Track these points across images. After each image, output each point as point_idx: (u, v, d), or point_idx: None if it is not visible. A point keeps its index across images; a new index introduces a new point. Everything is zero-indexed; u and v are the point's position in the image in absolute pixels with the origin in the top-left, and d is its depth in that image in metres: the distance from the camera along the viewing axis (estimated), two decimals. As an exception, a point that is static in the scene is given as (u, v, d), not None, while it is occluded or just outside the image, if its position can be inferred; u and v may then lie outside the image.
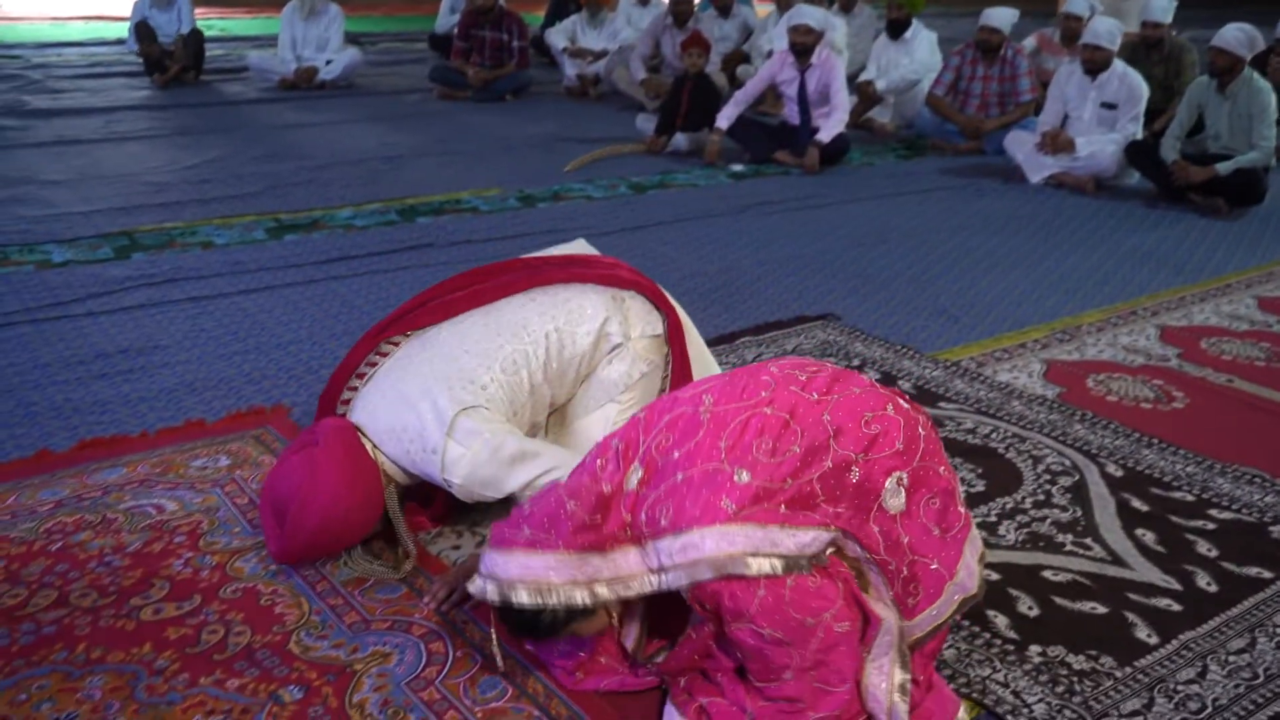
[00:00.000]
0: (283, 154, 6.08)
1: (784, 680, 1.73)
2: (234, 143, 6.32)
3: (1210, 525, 2.54)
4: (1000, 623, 2.13)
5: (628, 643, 1.96)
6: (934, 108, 6.98)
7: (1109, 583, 2.30)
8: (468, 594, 2.06)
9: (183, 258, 4.23)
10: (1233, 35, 5.39)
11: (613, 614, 1.89)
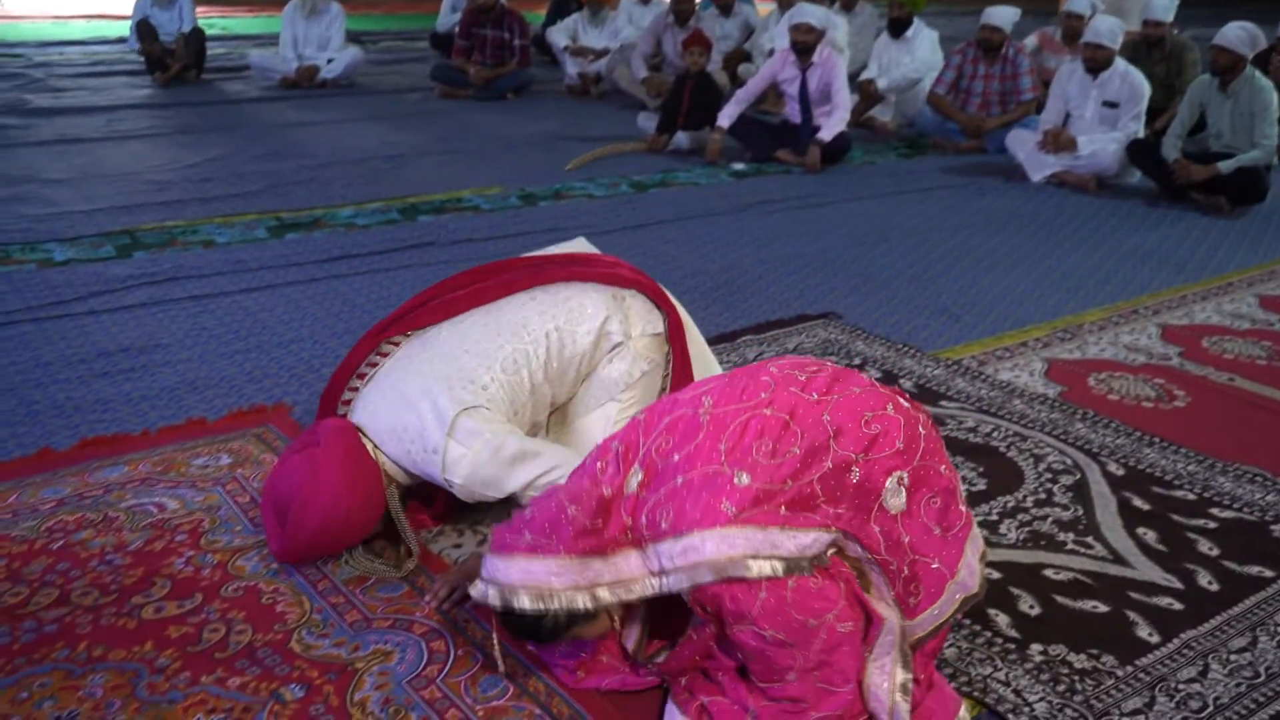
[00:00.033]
0: (284, 153, 6.08)
1: (787, 681, 1.72)
2: (235, 141, 6.32)
3: (1211, 524, 2.54)
4: (1001, 621, 2.13)
5: (628, 644, 1.96)
6: (935, 106, 6.98)
7: (1110, 581, 2.30)
8: (469, 593, 2.07)
9: (184, 256, 4.23)
10: (1234, 34, 5.39)
11: (615, 617, 1.89)
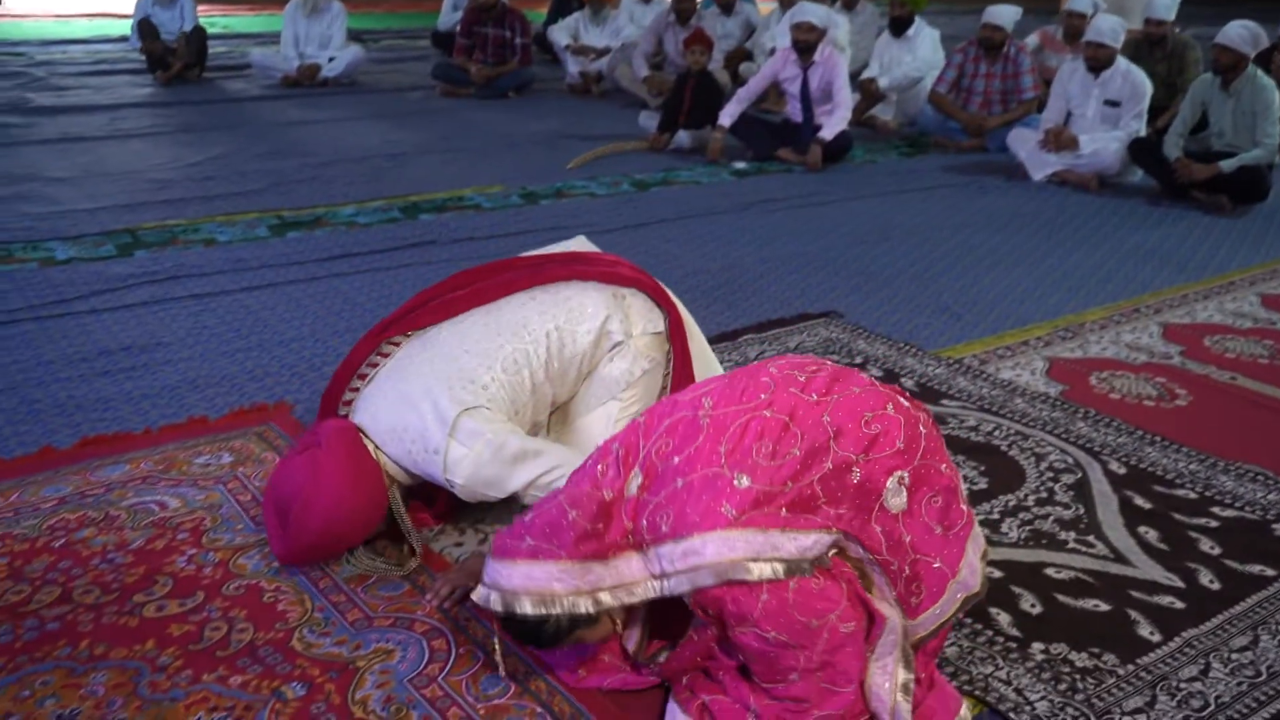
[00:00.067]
0: (285, 151, 6.08)
1: (790, 682, 1.73)
2: (237, 140, 6.32)
3: (1213, 523, 2.54)
4: (1003, 620, 2.13)
5: (629, 645, 1.96)
6: (937, 105, 6.97)
7: (1112, 580, 2.29)
8: (470, 591, 2.07)
9: (186, 255, 4.23)
10: (1236, 32, 5.38)
11: (617, 620, 1.89)
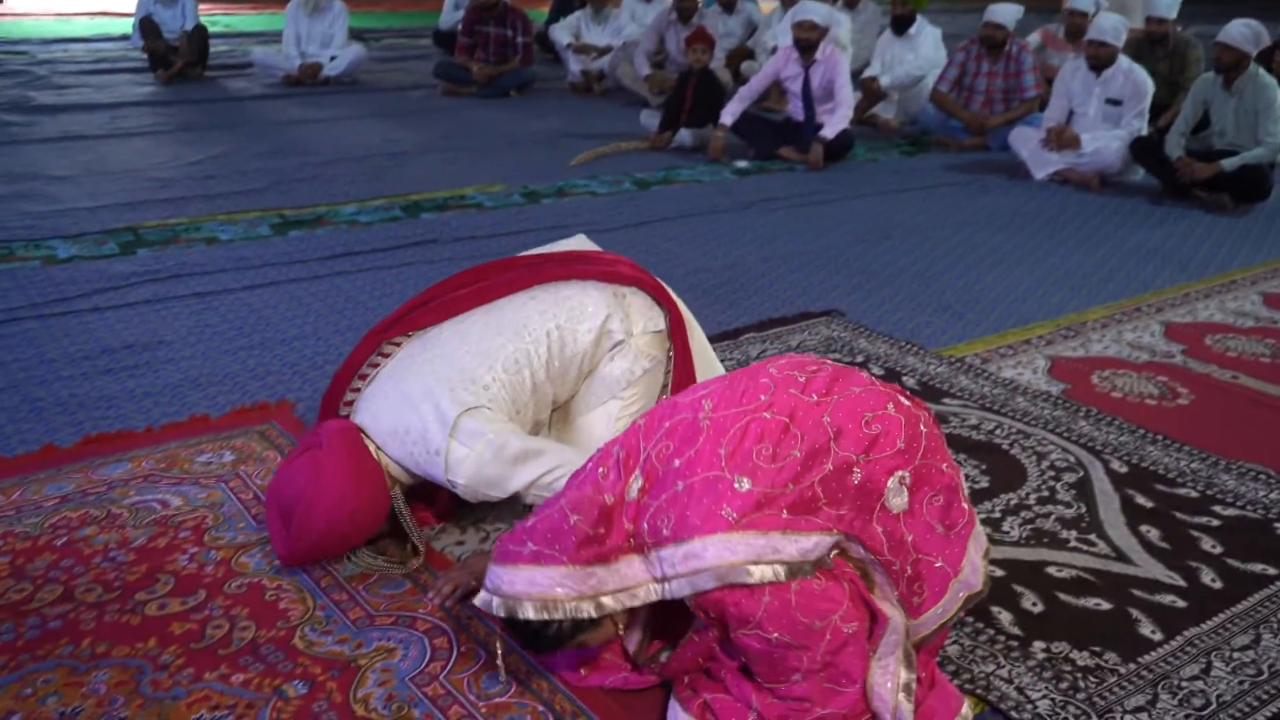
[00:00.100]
0: (287, 150, 6.08)
1: (793, 682, 1.73)
2: (238, 139, 6.33)
3: (1215, 522, 2.54)
4: (1004, 619, 2.13)
5: (630, 646, 1.96)
6: (938, 104, 6.97)
7: (1113, 579, 2.29)
8: (471, 589, 2.07)
9: (187, 253, 4.23)
10: (1238, 31, 5.38)
11: (619, 624, 1.89)
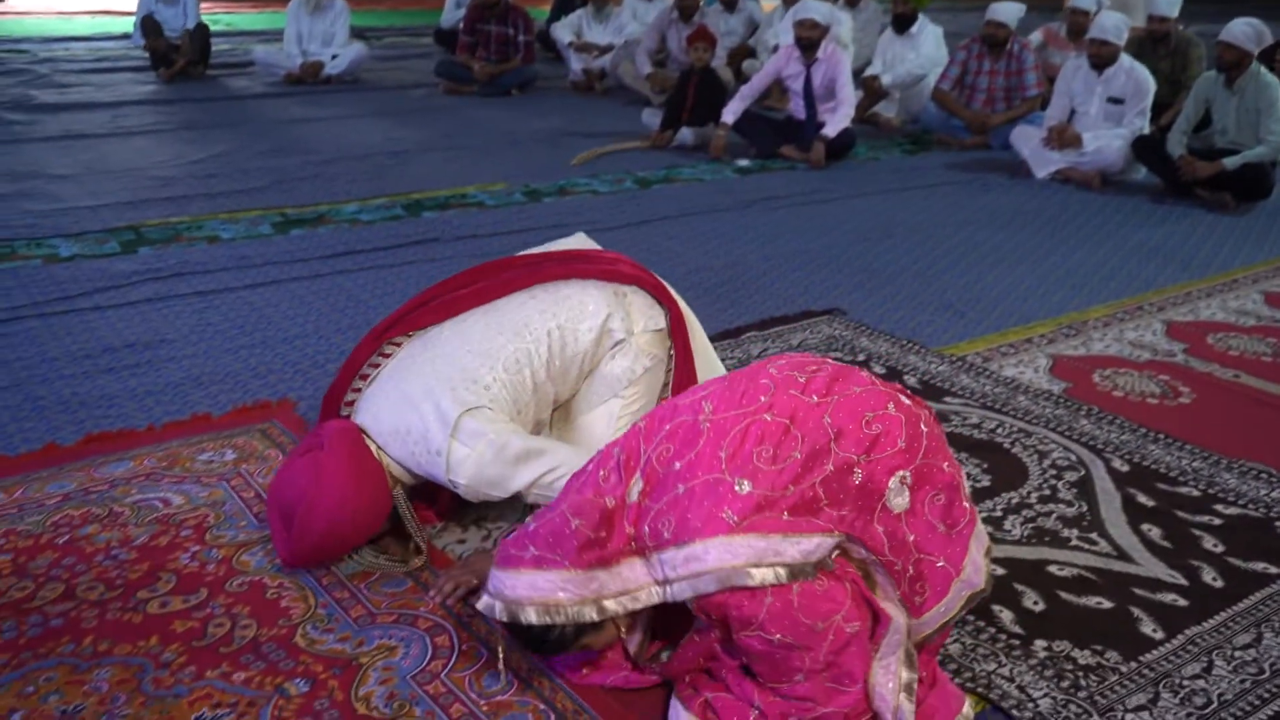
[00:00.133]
0: (288, 149, 6.09)
1: (796, 682, 1.73)
2: (240, 137, 6.33)
3: (1216, 520, 2.54)
4: (1005, 617, 2.13)
5: (631, 647, 1.96)
6: (940, 102, 6.97)
7: (1114, 578, 2.29)
8: (473, 588, 2.07)
9: (189, 252, 4.23)
10: (1240, 30, 5.38)
11: (621, 626, 1.89)
